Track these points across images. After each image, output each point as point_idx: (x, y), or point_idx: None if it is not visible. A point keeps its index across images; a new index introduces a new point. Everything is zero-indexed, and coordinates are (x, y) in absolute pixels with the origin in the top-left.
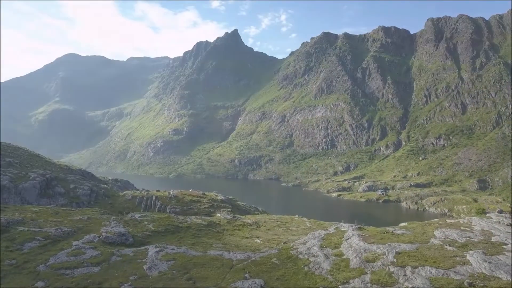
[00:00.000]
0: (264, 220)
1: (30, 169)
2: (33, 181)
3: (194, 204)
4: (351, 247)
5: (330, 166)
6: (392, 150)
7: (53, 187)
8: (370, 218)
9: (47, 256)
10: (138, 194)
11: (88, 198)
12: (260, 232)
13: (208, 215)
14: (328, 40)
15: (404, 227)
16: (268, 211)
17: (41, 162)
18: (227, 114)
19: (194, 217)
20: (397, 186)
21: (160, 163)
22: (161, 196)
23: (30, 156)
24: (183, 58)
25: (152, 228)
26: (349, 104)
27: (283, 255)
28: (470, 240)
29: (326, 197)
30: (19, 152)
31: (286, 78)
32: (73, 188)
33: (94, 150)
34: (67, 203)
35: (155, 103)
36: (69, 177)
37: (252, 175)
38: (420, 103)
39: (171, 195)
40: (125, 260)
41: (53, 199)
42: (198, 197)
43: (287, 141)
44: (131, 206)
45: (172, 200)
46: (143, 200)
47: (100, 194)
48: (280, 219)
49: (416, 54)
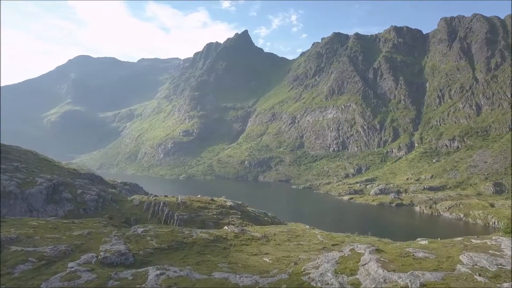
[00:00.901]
0: (274, 233)
1: (38, 174)
2: (40, 187)
3: (202, 211)
4: (369, 275)
5: (341, 168)
6: (404, 152)
7: (60, 193)
8: (384, 224)
9: (39, 281)
10: (146, 200)
11: (95, 204)
12: (269, 247)
13: (216, 222)
14: (339, 41)
15: (425, 247)
16: (278, 216)
17: (49, 166)
18: (237, 115)
19: (200, 230)
20: (410, 189)
21: (171, 165)
22: (169, 202)
23: (38, 160)
24: (193, 59)
25: (155, 245)
26: (361, 105)
27: (294, 281)
28: (502, 269)
29: (337, 200)
30: (27, 156)
31: (297, 79)
32: (80, 193)
33: (105, 151)
34: (73, 209)
35: (166, 104)
36: (76, 181)
37: (262, 177)
38: (433, 104)
39: (179, 201)
40: (123, 285)
41: (60, 205)
42: (207, 203)
43: (297, 142)
44: (139, 212)
45: (180, 207)
46: (151, 206)
47: (108, 199)
48: (291, 231)
49: (429, 54)
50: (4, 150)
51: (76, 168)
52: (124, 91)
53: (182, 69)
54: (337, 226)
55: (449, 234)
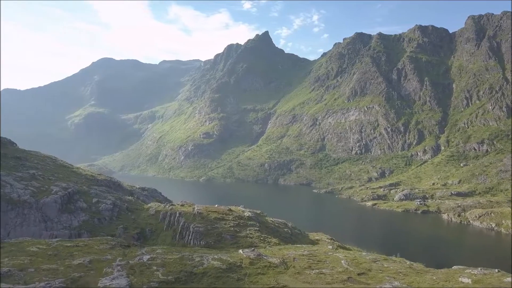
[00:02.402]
0: (293, 257)
1: (54, 182)
2: (54, 196)
3: (219, 222)
4: None
5: (364, 171)
6: (430, 155)
7: (75, 202)
8: (410, 234)
9: None
10: (162, 209)
11: (110, 214)
12: (287, 277)
13: (233, 235)
14: (361, 41)
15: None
16: (299, 224)
17: (66, 172)
18: (257, 117)
19: (212, 257)
20: (437, 194)
21: (191, 167)
22: (185, 212)
23: (56, 167)
24: (214, 61)
25: (161, 277)
26: (384, 106)
27: None
28: None
29: (360, 206)
30: (45, 163)
31: (318, 80)
32: (95, 202)
33: (127, 153)
34: (88, 219)
35: (187, 106)
36: (92, 190)
37: (283, 180)
38: (460, 105)
39: (195, 211)
40: None
41: (75, 215)
42: (224, 214)
43: (318, 145)
44: (154, 222)
45: (196, 218)
46: (167, 216)
47: (123, 208)
48: (312, 254)
49: (456, 54)
50: (23, 157)
51: (94, 174)
52: (146, 93)
53: (203, 71)
54: (361, 238)
55: (483, 248)
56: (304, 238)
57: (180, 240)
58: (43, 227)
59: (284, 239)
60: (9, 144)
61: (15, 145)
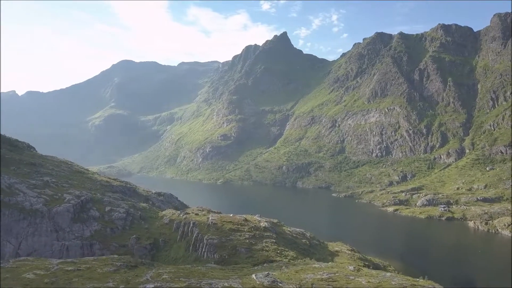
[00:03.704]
0: (311, 282)
1: (67, 189)
2: (67, 205)
3: (233, 234)
4: None
5: (385, 175)
6: (454, 158)
7: (87, 210)
8: (436, 245)
9: None
10: (176, 218)
11: (123, 223)
12: None
13: (248, 248)
14: (381, 41)
15: None
16: (318, 232)
17: (81, 179)
18: (275, 119)
19: (222, 285)
20: (462, 200)
21: (209, 169)
22: (199, 223)
23: (71, 173)
24: (232, 62)
25: None
26: (406, 108)
27: None
28: None
29: (381, 212)
30: (60, 169)
31: (337, 81)
32: (108, 211)
33: (146, 155)
34: (100, 229)
35: (205, 108)
36: (106, 197)
37: (301, 183)
38: (485, 107)
39: (209, 222)
40: None
41: (87, 224)
42: (239, 225)
43: (338, 147)
44: (168, 232)
45: (210, 229)
46: (180, 226)
47: (136, 217)
48: (331, 278)
49: (481, 53)
50: (38, 163)
51: (109, 179)
52: (165, 94)
53: (221, 72)
54: (383, 247)
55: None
56: (323, 249)
57: (193, 253)
58: (55, 237)
59: (302, 251)
60: (26, 149)
61: (33, 149)
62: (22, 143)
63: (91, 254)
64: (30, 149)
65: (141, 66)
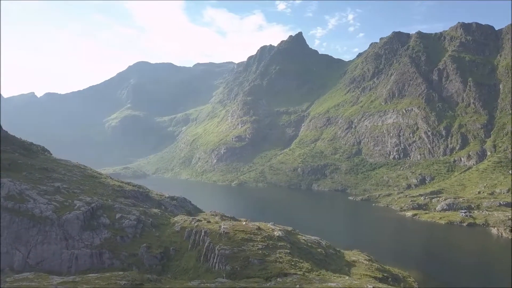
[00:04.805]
0: None
1: (78, 196)
2: (77, 212)
3: (246, 244)
4: None
5: (403, 178)
6: (475, 161)
7: (98, 218)
8: (458, 253)
9: None
10: (188, 225)
11: (133, 231)
12: None
13: (261, 259)
14: (399, 40)
15: None
16: (334, 239)
17: (93, 184)
18: (290, 120)
19: None
20: (483, 204)
21: (223, 170)
22: (211, 231)
23: (83, 177)
24: (247, 63)
25: None
26: (424, 109)
27: None
28: None
29: (399, 217)
30: (72, 173)
31: (353, 81)
32: (119, 218)
33: (161, 156)
34: (110, 237)
35: (220, 109)
36: (117, 204)
37: (316, 186)
38: (508, 107)
39: (221, 231)
40: None
41: (97, 232)
42: (252, 234)
43: (354, 149)
44: (179, 240)
45: (222, 238)
46: (192, 234)
47: (147, 224)
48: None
49: (503, 52)
50: (50, 168)
51: (122, 183)
52: (180, 95)
53: (236, 73)
54: (402, 255)
55: None
56: (340, 259)
57: (205, 263)
58: (64, 245)
59: (317, 262)
60: (41, 152)
61: (48, 153)
62: (36, 146)
63: (101, 264)
64: (45, 152)
65: (157, 68)
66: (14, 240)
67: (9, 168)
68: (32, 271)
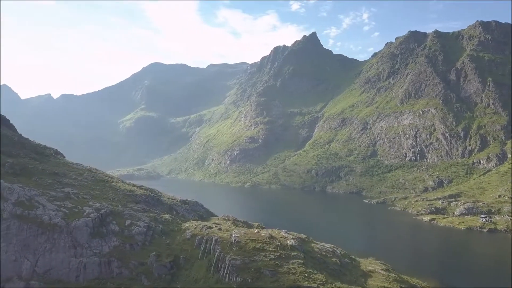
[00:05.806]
0: None
1: (88, 202)
2: (86, 219)
3: (258, 254)
4: None
5: (420, 180)
6: (495, 163)
7: (107, 225)
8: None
9: None
10: (198, 232)
11: (143, 238)
12: None
13: (274, 270)
14: (415, 39)
15: None
16: (349, 247)
17: (104, 188)
18: (303, 121)
19: None
20: (504, 209)
21: (236, 172)
22: (222, 239)
23: (94, 182)
24: (260, 63)
25: None
26: (441, 110)
27: None
28: None
29: (416, 221)
30: (83, 178)
31: (368, 82)
32: (128, 225)
33: (175, 157)
34: (119, 245)
35: (233, 110)
36: (127, 210)
37: (331, 188)
38: None
39: (232, 239)
40: None
41: (106, 240)
42: (264, 243)
43: (369, 150)
44: (189, 248)
45: (233, 247)
46: (202, 242)
47: (157, 231)
48: None
49: None
50: (61, 173)
51: (134, 187)
52: (194, 96)
53: (249, 74)
54: (421, 263)
55: None
56: (355, 269)
57: (215, 273)
58: (72, 253)
59: (332, 272)
60: (53, 156)
61: (61, 156)
62: (49, 150)
63: (109, 273)
64: (57, 155)
65: (171, 69)
66: (22, 248)
67: (20, 173)
68: (40, 280)
